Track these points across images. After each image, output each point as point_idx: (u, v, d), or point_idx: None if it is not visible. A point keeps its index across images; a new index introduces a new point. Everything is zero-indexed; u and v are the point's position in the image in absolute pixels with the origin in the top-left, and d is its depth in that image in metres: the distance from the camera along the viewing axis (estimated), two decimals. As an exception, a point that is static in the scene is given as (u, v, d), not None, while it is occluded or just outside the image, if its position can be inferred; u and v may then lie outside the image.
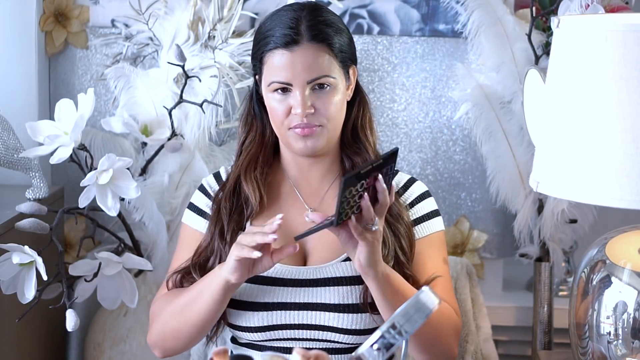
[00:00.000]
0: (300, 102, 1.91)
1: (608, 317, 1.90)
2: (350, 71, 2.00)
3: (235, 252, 1.82)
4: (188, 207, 2.07)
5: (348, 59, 1.98)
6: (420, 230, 2.03)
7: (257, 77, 2.00)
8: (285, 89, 1.93)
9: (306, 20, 1.94)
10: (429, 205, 2.05)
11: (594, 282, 1.93)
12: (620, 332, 1.89)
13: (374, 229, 1.77)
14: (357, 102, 2.04)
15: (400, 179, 2.06)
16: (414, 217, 2.03)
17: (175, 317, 1.93)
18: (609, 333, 1.90)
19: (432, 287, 1.94)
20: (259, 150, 2.03)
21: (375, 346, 1.41)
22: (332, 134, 1.97)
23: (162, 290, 2.03)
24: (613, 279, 1.91)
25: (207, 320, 1.92)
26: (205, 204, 2.05)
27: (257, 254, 1.79)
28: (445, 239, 2.08)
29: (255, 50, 1.99)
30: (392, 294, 1.85)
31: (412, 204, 2.04)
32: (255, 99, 2.03)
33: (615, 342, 1.90)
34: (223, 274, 1.85)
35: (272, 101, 1.95)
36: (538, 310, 2.72)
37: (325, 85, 1.93)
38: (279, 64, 1.92)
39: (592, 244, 2.02)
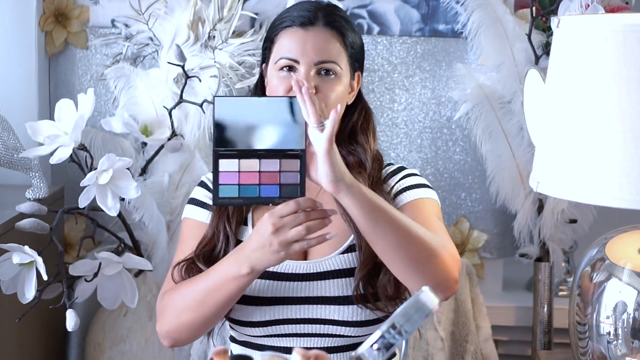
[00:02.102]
0: (303, 80, 1.92)
1: (608, 317, 1.90)
2: (356, 76, 2.02)
3: (285, 251, 1.77)
4: (189, 203, 2.06)
5: (356, 59, 2.01)
6: (407, 196, 1.99)
7: (263, 65, 2.01)
8: (291, 68, 1.94)
9: (324, 9, 1.99)
10: (418, 179, 2.03)
11: (594, 282, 1.94)
12: (620, 332, 1.89)
13: (324, 126, 1.74)
14: (359, 109, 2.05)
15: (390, 168, 2.06)
16: (400, 188, 2.00)
17: (191, 311, 1.90)
18: (609, 333, 1.90)
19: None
20: None
21: (375, 346, 1.41)
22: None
23: (169, 282, 2.01)
24: (613, 278, 1.91)
25: (225, 311, 1.91)
26: (207, 196, 2.04)
27: (331, 235, 1.76)
28: (439, 210, 2.01)
29: (269, 33, 2.01)
30: (373, 209, 1.78)
31: (401, 178, 2.02)
32: (259, 89, 2.04)
33: (615, 342, 1.90)
34: (258, 268, 1.81)
35: (275, 79, 1.95)
36: (538, 310, 2.72)
37: (331, 72, 1.95)
38: (292, 39, 1.95)
39: (592, 244, 2.02)
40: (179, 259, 2.00)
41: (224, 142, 1.77)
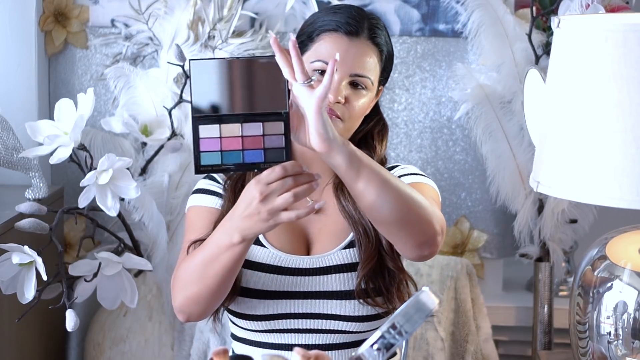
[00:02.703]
0: (336, 89, 1.92)
1: (608, 317, 1.90)
2: (379, 88, 2.04)
3: (274, 219, 1.71)
4: (194, 193, 2.04)
5: (385, 76, 2.03)
6: (404, 180, 1.99)
7: None
8: (324, 72, 1.93)
9: (368, 21, 1.99)
10: (416, 170, 2.05)
11: (595, 282, 1.93)
12: (620, 332, 1.89)
13: (313, 82, 1.69)
14: (375, 120, 2.07)
15: (387, 165, 2.08)
16: (397, 175, 2.01)
17: (195, 284, 1.87)
18: (609, 333, 1.90)
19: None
20: None
21: (375, 346, 1.41)
22: (345, 134, 1.97)
23: (181, 259, 2.00)
24: (613, 279, 1.91)
25: (228, 282, 1.86)
26: (215, 186, 2.03)
27: (320, 204, 1.73)
28: (437, 196, 2.02)
29: (308, 28, 2.00)
30: (363, 166, 1.75)
31: (399, 170, 2.04)
32: None
33: (616, 342, 1.90)
34: (249, 237, 1.77)
35: None
36: (538, 310, 2.72)
37: (362, 86, 1.96)
38: (335, 45, 1.95)
39: (592, 244, 2.02)
40: (192, 239, 1.97)
41: (203, 108, 1.69)
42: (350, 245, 1.99)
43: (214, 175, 2.04)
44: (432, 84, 2.86)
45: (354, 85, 1.96)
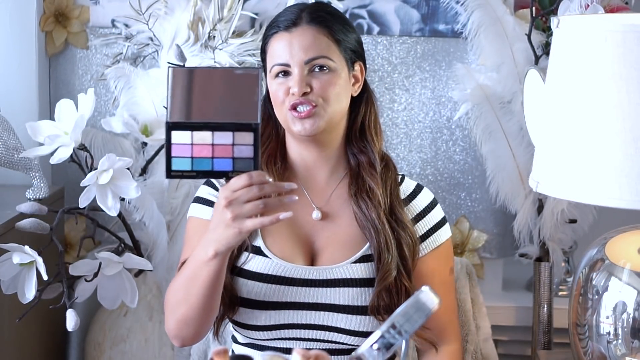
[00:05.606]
0: (297, 81, 1.91)
1: (608, 317, 1.90)
2: (356, 66, 2.00)
3: (239, 226, 1.73)
4: (194, 201, 2.04)
5: (351, 50, 1.99)
6: (430, 243, 2.01)
7: (265, 76, 2.01)
8: (286, 73, 1.94)
9: (309, 8, 1.99)
10: (437, 214, 2.04)
11: (594, 282, 1.94)
12: (619, 332, 1.89)
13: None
14: (365, 100, 2.04)
15: (407, 187, 2.04)
16: (424, 231, 2.01)
17: (181, 305, 1.88)
18: (609, 333, 1.90)
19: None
20: (277, 145, 2.03)
21: (375, 346, 1.41)
22: (331, 119, 1.95)
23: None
24: (613, 278, 1.91)
25: (211, 301, 1.86)
26: (213, 194, 2.03)
27: (286, 215, 1.73)
28: (451, 245, 2.06)
29: (262, 44, 2.02)
30: None
31: (421, 216, 2.03)
32: (267, 100, 2.02)
33: (615, 342, 1.90)
34: (221, 249, 1.77)
35: (274, 86, 1.95)
36: (538, 310, 2.72)
37: (325, 67, 1.94)
38: (279, 44, 1.95)
39: (591, 244, 2.02)
40: (185, 258, 1.97)
41: (177, 114, 1.71)
42: (361, 259, 1.96)
43: (214, 182, 2.04)
44: (432, 84, 2.86)
45: (317, 70, 1.94)
